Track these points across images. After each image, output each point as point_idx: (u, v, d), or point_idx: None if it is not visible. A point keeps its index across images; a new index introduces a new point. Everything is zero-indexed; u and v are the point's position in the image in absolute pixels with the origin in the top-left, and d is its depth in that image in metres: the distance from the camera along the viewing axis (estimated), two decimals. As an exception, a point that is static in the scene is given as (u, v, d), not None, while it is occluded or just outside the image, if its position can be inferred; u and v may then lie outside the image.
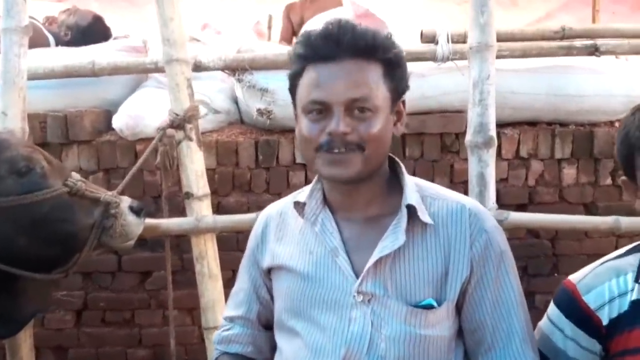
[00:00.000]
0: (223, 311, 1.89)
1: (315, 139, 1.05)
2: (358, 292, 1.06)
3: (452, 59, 2.12)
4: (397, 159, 1.18)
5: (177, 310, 2.31)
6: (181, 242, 2.25)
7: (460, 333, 1.12)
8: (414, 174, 2.31)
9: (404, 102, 1.14)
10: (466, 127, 1.90)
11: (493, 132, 1.82)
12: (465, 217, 1.09)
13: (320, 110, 1.05)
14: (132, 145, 2.29)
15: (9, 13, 1.93)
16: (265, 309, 1.26)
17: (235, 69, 2.17)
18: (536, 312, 1.26)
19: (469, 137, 1.84)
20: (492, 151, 1.82)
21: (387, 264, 1.06)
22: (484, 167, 1.81)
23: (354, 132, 1.03)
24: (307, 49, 1.07)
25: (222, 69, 2.18)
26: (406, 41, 2.49)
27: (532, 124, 2.37)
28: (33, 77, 2.04)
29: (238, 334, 1.27)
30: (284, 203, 1.25)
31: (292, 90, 1.12)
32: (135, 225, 1.60)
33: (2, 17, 1.96)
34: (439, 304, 1.06)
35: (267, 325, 1.27)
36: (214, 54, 2.12)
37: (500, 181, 2.31)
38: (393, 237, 1.06)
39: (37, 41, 2.65)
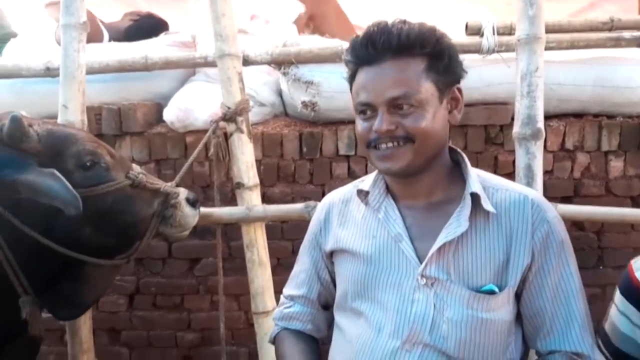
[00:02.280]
0: (272, 297, 1.98)
1: (367, 136, 1.14)
2: (422, 276, 1.11)
3: (497, 51, 2.12)
4: (459, 150, 1.22)
5: (224, 296, 2.39)
6: (229, 231, 2.33)
7: (518, 318, 1.16)
8: (457, 165, 2.35)
9: (459, 89, 1.17)
10: (511, 119, 1.90)
11: (541, 124, 1.82)
12: (527, 207, 1.12)
13: (367, 110, 1.13)
14: (182, 137, 2.37)
15: (68, 10, 2.00)
16: (326, 289, 1.33)
17: (282, 62, 2.22)
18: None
19: (516, 129, 1.84)
20: (540, 143, 1.82)
21: (451, 249, 1.11)
22: (531, 159, 1.81)
23: (399, 127, 1.09)
24: (352, 56, 1.15)
25: (269, 63, 2.23)
26: (451, 33, 2.50)
27: (579, 115, 2.35)
28: (89, 71, 2.12)
29: (299, 312, 1.34)
30: (346, 190, 1.32)
31: (350, 91, 1.20)
32: (191, 216, 1.67)
33: (62, 14, 2.04)
34: (500, 290, 1.10)
35: (326, 306, 1.35)
36: (260, 48, 2.17)
37: (545, 173, 2.29)
38: (457, 224, 1.11)
39: (93, 35, 2.76)
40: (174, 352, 2.47)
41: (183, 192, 1.66)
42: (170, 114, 2.34)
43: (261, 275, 1.92)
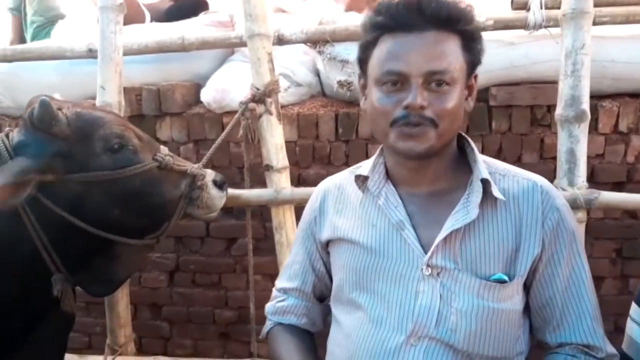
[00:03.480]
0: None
1: (390, 111, 1.03)
2: (428, 266, 1.05)
3: (545, 27, 1.99)
4: (465, 135, 1.16)
5: (260, 276, 2.42)
6: (264, 211, 2.33)
7: (525, 310, 1.11)
8: (500, 148, 2.25)
9: (476, 77, 1.11)
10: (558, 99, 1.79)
11: (586, 105, 1.69)
12: (537, 194, 1.08)
13: (396, 81, 1.02)
14: (219, 118, 2.38)
15: (105, -8, 2.04)
16: (321, 281, 1.28)
17: (317, 41, 2.17)
18: (630, 297, 1.21)
19: (559, 111, 1.73)
20: (584, 126, 1.70)
21: (458, 237, 1.06)
22: (574, 142, 1.70)
23: (430, 106, 1.01)
24: (387, 18, 1.04)
25: (304, 42, 2.19)
26: (495, 8, 2.37)
27: (634, 95, 2.17)
28: (128, 52, 2.16)
29: (293, 305, 1.28)
30: (342, 177, 1.26)
31: (363, 61, 1.10)
32: (217, 198, 1.66)
33: (101, -4, 2.07)
34: (510, 280, 1.05)
35: (321, 298, 1.29)
36: (295, 27, 2.13)
37: (595, 157, 2.16)
38: (464, 212, 1.05)
39: (134, 17, 2.81)
40: (212, 329, 2.53)
41: (210, 174, 1.66)
42: (207, 95, 2.36)
43: (290, 257, 1.92)
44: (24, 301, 1.48)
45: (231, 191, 1.82)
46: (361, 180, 1.17)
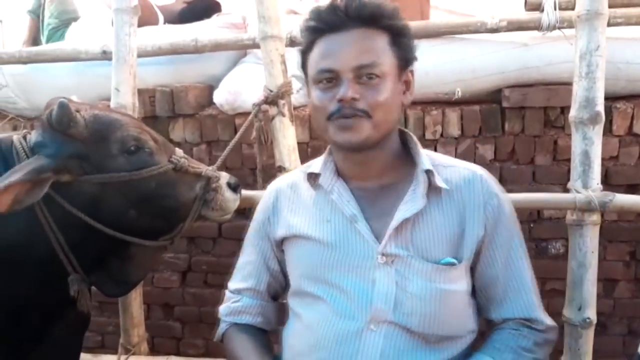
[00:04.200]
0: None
1: (326, 107, 1.11)
2: (382, 255, 1.11)
3: (558, 28, 1.98)
4: (407, 130, 1.23)
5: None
6: (276, 213, 2.34)
7: (472, 290, 1.18)
8: (513, 150, 2.24)
9: (412, 72, 1.17)
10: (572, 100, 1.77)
11: (600, 107, 1.68)
12: (477, 182, 1.16)
13: (330, 78, 1.10)
14: (232, 119, 2.39)
15: (120, -6, 2.06)
16: (275, 280, 1.32)
17: (329, 43, 2.17)
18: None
19: (573, 113, 1.72)
20: (599, 128, 1.68)
21: (409, 226, 1.12)
22: (588, 144, 1.69)
23: (363, 98, 1.08)
24: (317, 22, 1.13)
25: (317, 44, 2.19)
26: (509, 9, 2.37)
27: (649, 97, 2.16)
28: (142, 54, 2.18)
29: (247, 305, 1.31)
30: (294, 175, 1.32)
31: (304, 64, 1.18)
32: (231, 200, 1.67)
33: (115, -1, 2.09)
34: (458, 262, 1.12)
35: (275, 296, 1.34)
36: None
37: (610, 159, 2.15)
38: (413, 201, 1.12)
39: (148, 18, 2.83)
40: (224, 329, 2.54)
41: (224, 177, 1.67)
42: (219, 97, 2.37)
43: (303, 258, 1.92)
44: (42, 301, 1.50)
45: (245, 192, 1.83)
46: (313, 178, 1.22)
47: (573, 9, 1.87)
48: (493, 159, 2.26)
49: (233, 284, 1.38)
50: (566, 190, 1.78)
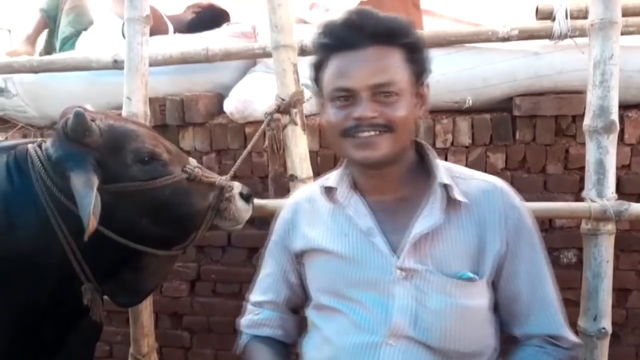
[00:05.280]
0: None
1: (341, 124, 1.10)
2: (400, 269, 1.10)
3: (570, 37, 1.98)
4: (424, 142, 1.21)
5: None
6: (286, 222, 2.33)
7: (495, 306, 1.16)
8: (524, 159, 2.23)
9: (427, 86, 1.16)
10: (584, 109, 1.77)
11: (615, 116, 1.68)
12: (497, 195, 1.14)
13: (347, 97, 1.09)
14: (242, 128, 2.39)
15: (132, 4, 2.04)
16: (294, 293, 1.31)
17: (340, 52, 2.18)
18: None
19: (587, 122, 1.72)
20: (613, 137, 1.68)
21: (427, 241, 1.10)
22: (603, 153, 1.68)
23: (381, 115, 1.07)
24: (331, 38, 1.11)
25: (327, 53, 2.20)
26: (520, 18, 2.37)
27: (661, 105, 2.16)
28: (153, 63, 2.18)
29: (267, 317, 1.31)
30: (311, 189, 1.31)
31: (317, 79, 1.17)
32: (244, 210, 1.67)
33: (127, 8, 2.09)
34: (479, 277, 1.10)
35: (294, 310, 1.33)
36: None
37: (622, 168, 2.14)
38: (430, 216, 1.11)
39: (158, 28, 2.84)
40: (232, 339, 2.47)
41: (237, 187, 1.67)
42: (229, 106, 2.37)
43: (315, 268, 1.91)
44: (57, 309, 1.50)
45: (256, 201, 1.83)
46: (329, 191, 1.21)
47: (584, 17, 1.88)
48: (504, 167, 2.25)
49: (254, 296, 1.38)
50: (578, 199, 1.77)
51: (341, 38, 1.09)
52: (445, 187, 1.12)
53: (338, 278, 1.16)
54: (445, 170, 1.17)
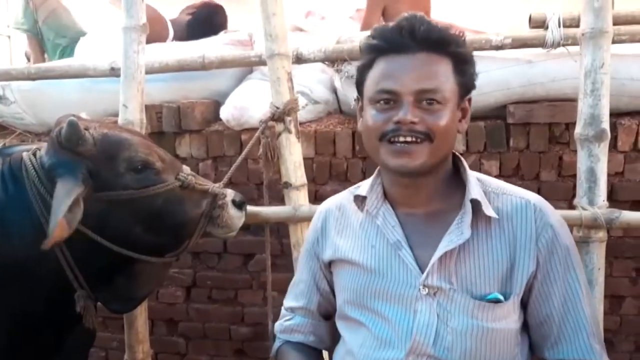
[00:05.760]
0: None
1: (380, 127, 1.08)
2: (424, 286, 1.08)
3: (563, 45, 1.99)
4: (458, 154, 1.19)
5: (276, 292, 2.41)
6: (281, 228, 2.34)
7: (525, 327, 1.12)
8: (518, 166, 2.24)
9: (469, 100, 1.14)
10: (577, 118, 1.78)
11: (606, 124, 1.69)
12: (530, 212, 1.09)
13: (388, 100, 1.07)
14: (238, 135, 2.41)
15: (128, 12, 2.06)
16: (325, 300, 1.31)
17: (335, 60, 2.19)
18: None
19: (578, 130, 1.73)
20: (604, 145, 1.69)
21: (453, 258, 1.08)
22: (594, 162, 1.69)
23: (422, 122, 1.05)
24: (381, 41, 1.10)
25: (322, 61, 2.21)
26: (513, 26, 2.39)
27: (654, 113, 2.17)
28: (150, 71, 2.19)
29: (300, 323, 1.32)
30: (342, 197, 1.29)
31: (360, 82, 1.15)
32: (236, 218, 1.68)
33: (123, 17, 2.10)
34: (506, 299, 1.06)
35: (327, 316, 1.32)
36: (314, 45, 2.16)
37: (615, 175, 2.15)
38: (458, 232, 1.07)
39: (160, 33, 2.86)
40: (228, 345, 2.54)
41: (230, 194, 1.68)
42: (226, 113, 2.39)
43: (308, 275, 1.92)
44: (50, 316, 1.51)
45: (250, 208, 1.84)
46: (360, 200, 1.20)
47: (577, 26, 1.89)
48: (498, 174, 2.26)
49: (287, 301, 1.38)
50: (571, 206, 1.78)
51: (391, 41, 1.08)
52: (474, 203, 1.09)
53: (363, 290, 1.15)
54: (478, 184, 1.13)
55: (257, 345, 2.49)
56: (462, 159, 1.18)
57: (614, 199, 2.11)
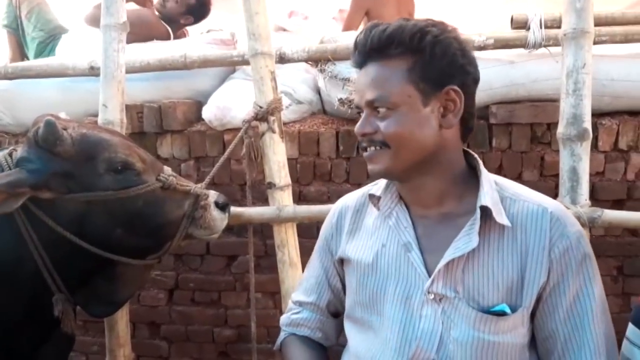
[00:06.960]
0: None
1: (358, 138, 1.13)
2: (429, 292, 1.05)
3: (544, 46, 2.01)
4: (474, 154, 1.14)
5: (260, 294, 2.40)
6: (265, 229, 2.32)
7: (533, 340, 1.08)
8: (500, 166, 2.25)
9: (456, 91, 1.05)
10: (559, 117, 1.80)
11: (588, 124, 1.70)
12: (546, 221, 1.03)
13: (359, 113, 1.12)
14: (220, 135, 2.38)
15: (108, 10, 2.02)
16: (336, 297, 1.29)
17: (319, 59, 2.19)
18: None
19: (560, 130, 1.74)
20: (586, 145, 1.70)
21: (460, 265, 1.04)
22: (576, 161, 1.70)
23: (379, 131, 1.06)
24: (352, 58, 1.13)
25: (306, 60, 2.20)
26: (496, 27, 2.40)
27: (633, 113, 2.19)
28: (131, 70, 2.16)
29: (307, 318, 1.30)
30: (360, 194, 1.28)
31: None
32: (219, 219, 1.66)
33: (102, 15, 2.05)
34: (513, 311, 1.02)
35: (335, 314, 1.31)
36: (297, 45, 2.15)
37: (596, 175, 2.18)
38: (466, 239, 1.03)
39: (160, 34, 2.82)
40: (211, 347, 2.51)
41: (213, 195, 1.66)
42: (208, 113, 2.36)
43: (292, 276, 1.90)
44: (29, 320, 1.47)
45: (233, 209, 1.82)
46: (375, 199, 1.19)
47: (558, 27, 1.91)
48: (481, 174, 2.27)
49: (296, 295, 1.37)
50: (554, 206, 1.78)
51: (355, 59, 1.11)
52: (483, 209, 1.04)
53: (371, 291, 1.13)
54: (494, 188, 1.08)
55: (241, 348, 2.46)
56: (479, 159, 1.13)
57: (595, 198, 2.13)
